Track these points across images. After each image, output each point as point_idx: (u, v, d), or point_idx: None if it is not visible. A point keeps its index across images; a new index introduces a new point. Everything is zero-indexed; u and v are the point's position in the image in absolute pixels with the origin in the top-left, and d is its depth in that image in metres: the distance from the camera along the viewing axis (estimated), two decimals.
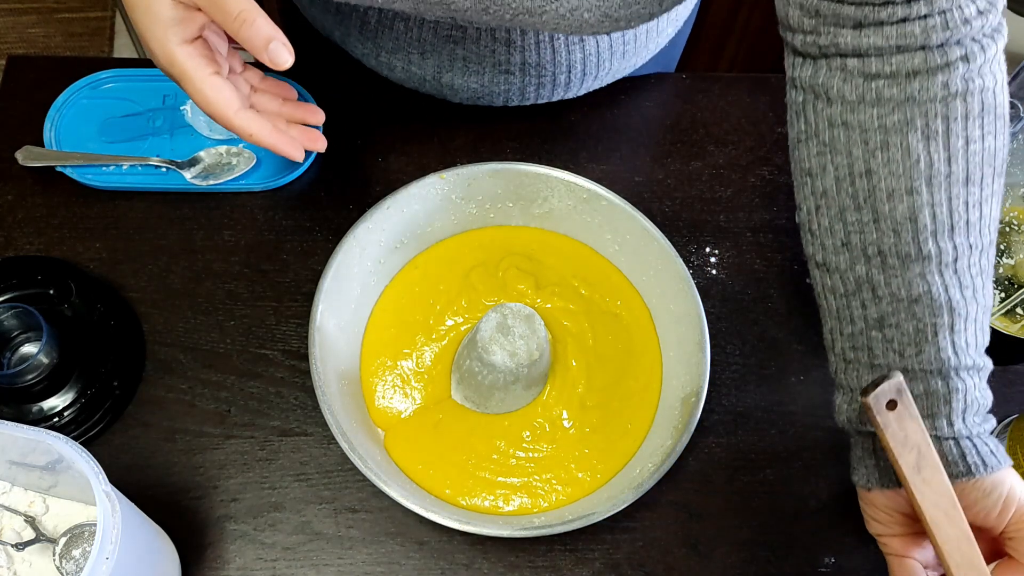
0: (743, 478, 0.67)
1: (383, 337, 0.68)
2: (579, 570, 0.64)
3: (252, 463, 0.66)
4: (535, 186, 0.70)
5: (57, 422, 0.66)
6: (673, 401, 0.65)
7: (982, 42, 0.51)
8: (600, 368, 0.68)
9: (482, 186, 0.69)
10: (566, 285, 0.70)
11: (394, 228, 0.68)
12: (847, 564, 0.64)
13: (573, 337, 0.69)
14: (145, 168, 0.74)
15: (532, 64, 0.73)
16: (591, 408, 0.66)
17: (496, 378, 0.63)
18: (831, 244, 0.55)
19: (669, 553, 0.65)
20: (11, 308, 0.64)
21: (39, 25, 1.75)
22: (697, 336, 0.64)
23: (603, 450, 0.65)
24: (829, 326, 0.56)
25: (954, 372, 0.52)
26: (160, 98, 0.77)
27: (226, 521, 0.64)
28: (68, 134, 0.75)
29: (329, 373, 0.63)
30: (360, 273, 0.67)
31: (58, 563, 0.57)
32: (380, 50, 0.73)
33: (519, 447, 0.65)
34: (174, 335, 0.70)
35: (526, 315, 0.64)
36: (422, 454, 0.64)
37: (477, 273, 0.70)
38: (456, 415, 0.66)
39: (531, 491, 0.64)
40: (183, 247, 0.73)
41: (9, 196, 0.74)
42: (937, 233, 0.52)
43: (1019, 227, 0.63)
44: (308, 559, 0.64)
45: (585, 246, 0.72)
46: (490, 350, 0.62)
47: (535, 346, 0.63)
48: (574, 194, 0.69)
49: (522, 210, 0.71)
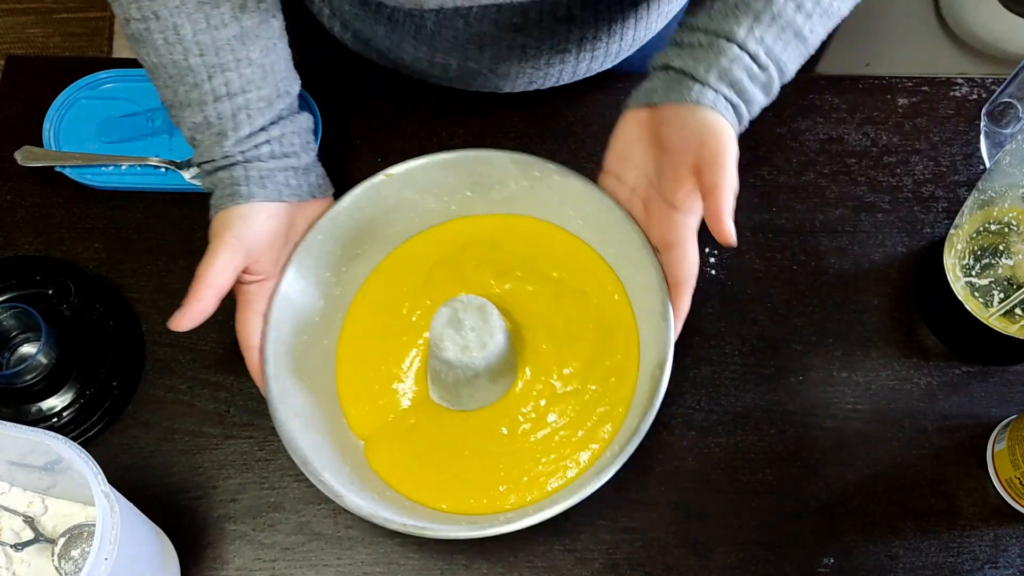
0: (743, 478, 0.67)
1: (356, 348, 0.67)
2: (579, 570, 0.64)
3: (251, 463, 0.66)
4: (488, 171, 0.67)
5: (56, 422, 0.66)
6: (644, 377, 0.63)
7: None
8: (573, 350, 0.65)
9: (435, 178, 0.67)
10: (531, 268, 0.68)
11: (348, 235, 0.67)
12: (847, 564, 0.64)
13: (541, 321, 0.66)
14: (144, 168, 0.74)
15: (589, 38, 0.72)
16: (567, 393, 0.64)
17: (456, 374, 0.62)
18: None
19: (669, 553, 0.65)
20: (10, 308, 0.64)
21: (38, 25, 1.75)
22: (660, 306, 0.61)
23: (585, 433, 0.63)
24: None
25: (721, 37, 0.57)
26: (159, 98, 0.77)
27: (225, 521, 0.64)
28: (67, 134, 0.75)
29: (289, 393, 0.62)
30: (319, 284, 0.66)
31: (57, 563, 0.57)
32: (435, 52, 0.73)
33: (497, 443, 0.63)
34: (173, 335, 0.69)
35: (477, 306, 0.62)
36: (403, 461, 0.63)
37: (439, 269, 0.68)
38: (433, 416, 0.65)
39: (517, 485, 0.62)
40: (182, 247, 0.73)
41: (8, 196, 0.74)
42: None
43: (1019, 227, 0.63)
44: (307, 559, 0.64)
45: (552, 226, 0.69)
46: (442, 346, 0.61)
47: (488, 337, 0.61)
48: (527, 174, 0.67)
49: (483, 198, 0.69)
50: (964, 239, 0.66)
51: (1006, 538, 0.65)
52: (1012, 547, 0.65)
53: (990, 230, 0.65)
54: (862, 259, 0.73)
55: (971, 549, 0.65)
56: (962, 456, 0.67)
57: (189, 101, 0.61)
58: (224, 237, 0.60)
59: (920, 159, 0.77)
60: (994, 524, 0.65)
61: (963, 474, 0.67)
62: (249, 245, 0.61)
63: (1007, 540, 0.65)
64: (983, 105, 0.77)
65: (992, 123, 0.76)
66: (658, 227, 0.62)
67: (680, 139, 0.59)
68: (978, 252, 0.65)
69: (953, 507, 0.66)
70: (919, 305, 0.72)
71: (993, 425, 0.68)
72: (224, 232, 0.61)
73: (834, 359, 0.70)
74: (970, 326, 0.66)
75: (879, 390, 0.69)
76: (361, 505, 0.57)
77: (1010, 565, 0.64)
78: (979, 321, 0.65)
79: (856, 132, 0.78)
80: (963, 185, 0.76)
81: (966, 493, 0.66)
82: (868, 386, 0.69)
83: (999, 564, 0.64)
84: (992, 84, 0.80)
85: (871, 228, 0.74)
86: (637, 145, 0.63)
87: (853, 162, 0.77)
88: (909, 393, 0.69)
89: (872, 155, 0.77)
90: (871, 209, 0.75)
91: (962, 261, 0.66)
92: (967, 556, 0.64)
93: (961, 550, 0.65)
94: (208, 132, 0.61)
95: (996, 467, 0.66)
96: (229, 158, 0.61)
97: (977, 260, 0.65)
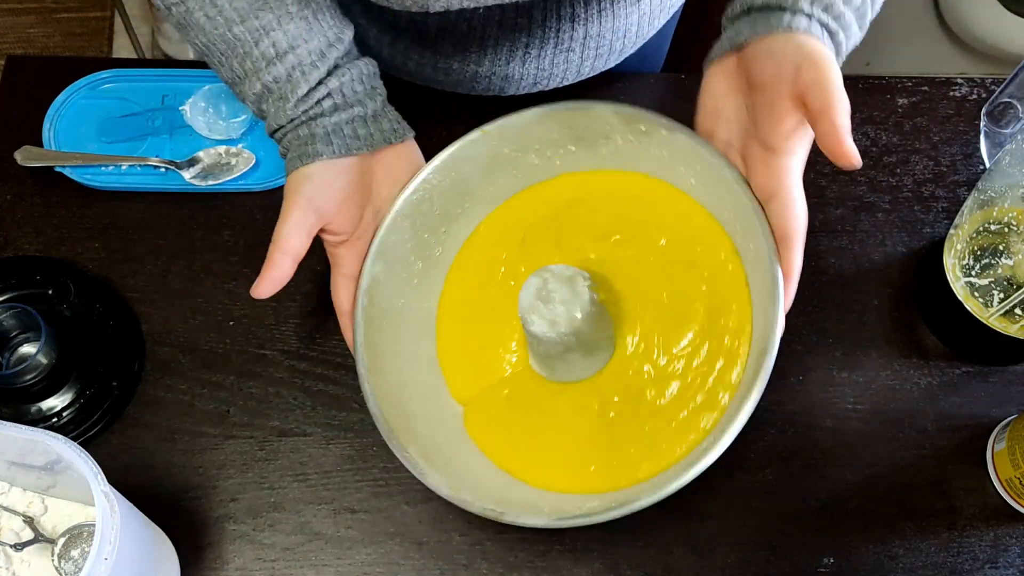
0: (743, 478, 0.67)
1: (457, 311, 0.64)
2: (578, 570, 0.64)
3: (251, 463, 0.66)
4: (589, 124, 0.63)
5: (56, 422, 0.66)
6: (753, 361, 0.56)
7: None
8: (676, 328, 0.60)
9: (534, 133, 0.63)
10: (635, 233, 0.62)
11: (447, 194, 0.64)
12: (847, 564, 0.64)
13: (643, 292, 0.61)
14: (144, 168, 0.74)
15: (593, 36, 0.72)
16: (667, 373, 0.59)
17: (547, 348, 0.59)
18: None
19: (668, 553, 0.65)
20: (10, 308, 0.64)
21: (38, 25, 1.75)
22: (769, 282, 0.54)
23: (680, 422, 0.58)
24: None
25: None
26: (159, 98, 0.77)
27: (225, 521, 0.64)
28: (67, 134, 0.75)
29: (384, 359, 0.60)
30: (417, 245, 0.64)
31: (57, 563, 0.57)
32: (439, 56, 0.72)
33: (589, 419, 0.59)
34: (173, 335, 0.70)
35: (567, 277, 0.58)
36: (501, 429, 0.61)
37: (534, 232, 0.64)
38: (531, 385, 0.62)
39: (607, 467, 0.58)
40: (182, 247, 0.73)
41: (8, 196, 0.74)
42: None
43: (1019, 227, 0.63)
44: (307, 559, 0.64)
45: (664, 184, 0.62)
46: (530, 320, 0.58)
47: (577, 310, 0.57)
48: (632, 127, 0.62)
49: (588, 152, 0.64)
50: (964, 239, 0.66)
51: (1006, 538, 0.65)
52: (1012, 547, 0.65)
53: (990, 230, 0.65)
54: (862, 259, 0.73)
55: (971, 549, 0.65)
56: (962, 456, 0.67)
57: (245, 73, 0.59)
58: (292, 199, 0.59)
59: (920, 159, 0.77)
60: (994, 524, 0.65)
61: (963, 474, 0.67)
62: (319, 205, 0.59)
63: (1007, 540, 0.65)
64: (983, 105, 0.77)
65: (992, 123, 0.76)
66: (758, 176, 0.56)
67: (773, 70, 0.53)
68: (978, 252, 0.65)
69: (953, 507, 0.66)
70: (919, 305, 0.72)
71: (993, 425, 0.68)
72: (292, 194, 0.59)
73: (834, 359, 0.70)
74: (970, 326, 0.66)
75: (879, 390, 0.69)
76: (441, 485, 0.56)
77: (1010, 565, 0.64)
78: (979, 321, 0.65)
79: (856, 132, 0.78)
80: (963, 185, 0.76)
81: (966, 493, 0.66)
82: (868, 386, 0.69)
83: (999, 564, 0.64)
84: (992, 84, 0.80)
85: (871, 228, 0.74)
86: (727, 97, 0.58)
87: None
88: (909, 393, 0.69)
89: (872, 155, 0.77)
90: (871, 209, 0.75)
91: (962, 261, 0.66)
92: (967, 556, 0.64)
93: (961, 550, 0.65)
94: (270, 100, 0.60)
95: (996, 467, 0.66)
96: (294, 121, 0.60)
97: (977, 260, 0.65)
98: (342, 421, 0.67)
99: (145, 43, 1.75)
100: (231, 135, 0.76)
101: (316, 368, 0.69)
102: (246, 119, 0.76)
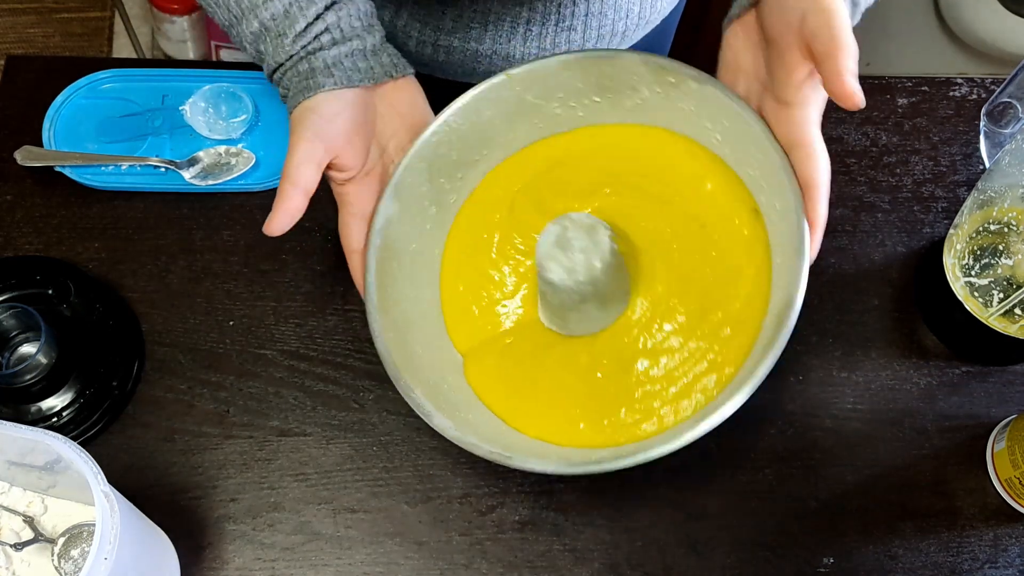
0: (743, 478, 0.67)
1: (463, 259, 0.63)
2: (578, 570, 0.64)
3: (251, 463, 0.66)
4: (616, 74, 0.61)
5: (56, 422, 0.66)
6: (771, 318, 0.55)
7: None
8: (688, 288, 0.59)
9: (559, 82, 0.61)
10: (644, 190, 0.61)
11: (467, 139, 0.62)
12: (846, 564, 0.64)
13: (659, 247, 0.60)
14: (144, 168, 0.74)
15: (595, 13, 0.72)
16: (678, 329, 0.58)
17: (561, 298, 0.57)
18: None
19: (668, 553, 0.65)
20: (10, 308, 0.64)
21: (38, 25, 1.75)
22: (796, 240, 0.53)
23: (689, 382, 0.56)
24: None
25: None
26: (159, 98, 0.77)
27: (225, 521, 0.64)
28: (67, 134, 0.75)
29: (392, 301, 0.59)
30: (432, 190, 0.62)
31: (57, 563, 0.57)
32: (440, 33, 0.72)
33: (598, 374, 0.58)
34: (173, 335, 0.70)
35: (588, 225, 0.56)
36: (502, 381, 0.60)
37: (547, 181, 0.63)
38: (538, 337, 0.61)
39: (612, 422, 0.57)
40: (182, 247, 0.73)
41: (8, 196, 0.74)
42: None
43: (1018, 227, 0.63)
44: (307, 559, 0.64)
45: (687, 139, 0.61)
46: (547, 267, 0.56)
47: (597, 259, 0.56)
48: (660, 79, 0.60)
49: (613, 104, 0.62)
50: (964, 239, 0.66)
51: (1006, 538, 0.65)
52: (1012, 547, 0.65)
53: (990, 230, 0.65)
54: (862, 259, 0.73)
55: (971, 549, 0.65)
56: (962, 456, 0.67)
57: (242, 12, 0.58)
58: (298, 132, 0.58)
59: (920, 159, 0.77)
60: (994, 524, 0.65)
61: (963, 474, 0.67)
62: (327, 137, 0.58)
63: (1007, 540, 0.65)
64: (983, 105, 0.77)
65: (992, 123, 0.76)
66: (776, 129, 0.56)
67: (781, 21, 0.53)
68: (978, 252, 0.65)
69: (953, 507, 0.66)
70: (919, 305, 0.72)
71: (993, 425, 0.68)
72: (298, 127, 0.58)
73: (834, 359, 0.70)
74: (970, 326, 0.66)
75: (879, 390, 0.69)
76: (447, 427, 0.55)
77: (1010, 565, 0.64)
78: (979, 321, 0.65)
79: (856, 132, 0.78)
80: (963, 185, 0.76)
81: (966, 493, 0.66)
82: (868, 386, 0.69)
83: (999, 564, 0.64)
84: (992, 84, 0.80)
85: (871, 228, 0.74)
86: (746, 52, 0.58)
87: (853, 162, 0.77)
88: (909, 393, 0.69)
89: (872, 155, 0.77)
90: (871, 209, 0.75)
91: (962, 261, 0.66)
92: (967, 556, 0.64)
93: (961, 550, 0.65)
94: (268, 39, 0.59)
95: (996, 467, 0.66)
96: (293, 57, 0.59)
97: (977, 260, 0.65)
98: (342, 421, 0.68)
99: (145, 43, 1.75)
100: (231, 135, 0.76)
101: (316, 368, 0.69)
102: (246, 119, 0.76)
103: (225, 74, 0.78)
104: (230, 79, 0.77)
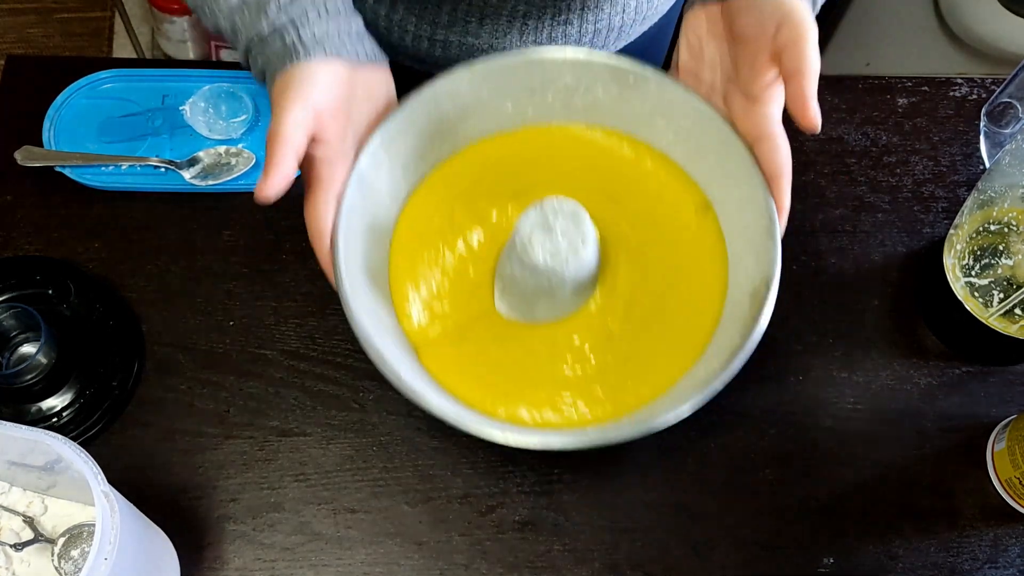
0: (742, 478, 0.67)
1: (409, 252, 0.62)
2: (578, 570, 0.64)
3: (251, 463, 0.66)
4: (577, 75, 0.62)
5: (56, 422, 0.66)
6: (740, 297, 0.58)
7: None
8: (648, 271, 0.61)
9: (517, 79, 0.62)
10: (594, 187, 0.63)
11: (424, 130, 0.62)
12: (847, 564, 0.64)
13: (619, 239, 0.62)
14: (144, 168, 0.74)
15: (591, 7, 0.72)
16: (646, 313, 0.60)
17: (539, 281, 0.58)
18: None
19: (668, 553, 0.65)
20: (10, 308, 0.64)
21: (38, 25, 1.75)
22: (765, 222, 0.57)
23: (663, 355, 0.58)
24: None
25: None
26: (159, 98, 0.77)
27: (225, 521, 0.64)
28: (67, 134, 0.75)
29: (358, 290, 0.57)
30: (391, 184, 0.62)
31: (56, 563, 0.57)
32: (436, 27, 0.72)
33: (560, 361, 0.59)
34: (173, 335, 0.70)
35: (570, 211, 0.57)
36: (458, 372, 0.59)
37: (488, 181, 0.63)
38: (495, 328, 0.61)
39: (589, 400, 0.58)
40: (182, 247, 0.73)
41: (8, 196, 0.74)
42: None
43: (1018, 227, 0.63)
44: (307, 559, 0.64)
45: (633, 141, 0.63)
46: (530, 250, 0.56)
47: (580, 244, 0.56)
48: (619, 79, 0.61)
49: (563, 103, 0.63)
50: (964, 239, 0.66)
51: (1006, 538, 0.65)
52: (1012, 547, 0.65)
53: (990, 230, 0.65)
54: (862, 259, 0.73)
55: (971, 549, 0.65)
56: (962, 456, 0.67)
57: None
58: (288, 94, 0.56)
59: (920, 159, 0.77)
60: (994, 524, 0.65)
61: (963, 474, 0.67)
62: (316, 105, 0.56)
63: (1007, 540, 0.65)
64: (983, 105, 0.77)
65: (992, 123, 0.76)
66: (742, 123, 0.59)
67: (757, 26, 0.56)
68: (978, 252, 0.65)
69: (953, 507, 0.66)
70: (919, 305, 0.72)
71: (993, 425, 0.68)
72: (287, 90, 0.56)
73: (834, 359, 0.70)
74: (970, 326, 0.66)
75: (879, 390, 0.69)
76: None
77: (1010, 565, 0.64)
78: (979, 321, 0.65)
79: (856, 132, 0.78)
80: (963, 185, 0.76)
81: (966, 493, 0.66)
82: (868, 386, 0.69)
83: (999, 564, 0.64)
84: (992, 84, 0.80)
85: (871, 228, 0.74)
86: (710, 40, 0.60)
87: (853, 162, 0.77)
88: (909, 393, 0.69)
89: (872, 155, 0.77)
90: (871, 209, 0.75)
91: (962, 261, 0.66)
92: (967, 556, 0.64)
93: (961, 550, 0.65)
94: (246, 11, 0.57)
95: (996, 467, 0.66)
96: (278, 28, 0.57)
97: (977, 260, 0.65)
98: (342, 421, 0.68)
99: (145, 43, 1.75)
100: (231, 135, 0.76)
101: (316, 368, 0.69)
102: (246, 119, 0.76)
103: (225, 74, 0.78)
104: (230, 79, 0.77)
